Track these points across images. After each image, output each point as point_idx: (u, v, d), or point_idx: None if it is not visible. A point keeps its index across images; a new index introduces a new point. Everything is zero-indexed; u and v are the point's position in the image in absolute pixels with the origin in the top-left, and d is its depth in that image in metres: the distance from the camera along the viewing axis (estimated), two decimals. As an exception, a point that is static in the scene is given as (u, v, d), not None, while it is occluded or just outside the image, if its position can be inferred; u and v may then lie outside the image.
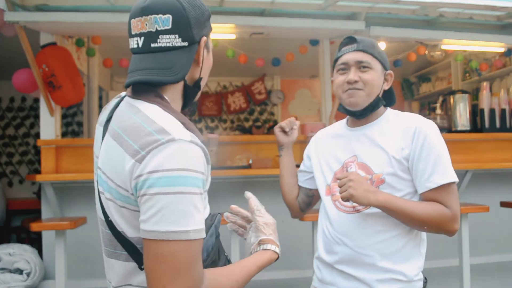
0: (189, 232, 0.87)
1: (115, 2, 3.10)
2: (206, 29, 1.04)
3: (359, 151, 1.49)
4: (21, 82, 3.48)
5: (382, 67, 1.50)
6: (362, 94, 1.46)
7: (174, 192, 0.86)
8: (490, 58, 5.65)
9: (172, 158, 0.87)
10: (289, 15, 3.37)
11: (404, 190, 1.43)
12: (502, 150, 3.81)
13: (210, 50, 1.09)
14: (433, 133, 1.43)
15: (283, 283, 3.35)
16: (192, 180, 0.88)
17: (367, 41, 1.50)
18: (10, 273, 3.08)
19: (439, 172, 1.39)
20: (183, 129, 0.93)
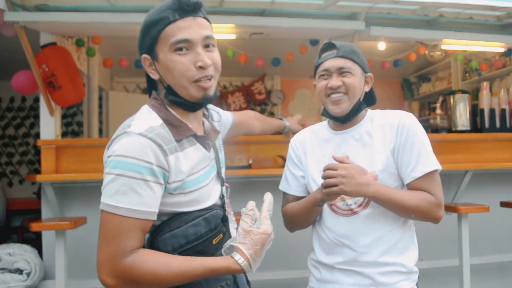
0: (119, 208, 1.01)
1: (115, 2, 3.10)
2: (145, 44, 1.14)
3: (349, 153, 1.52)
4: (20, 84, 3.48)
5: (362, 70, 1.55)
6: (345, 99, 1.51)
7: (114, 173, 1.02)
8: (490, 58, 5.65)
9: (120, 146, 1.04)
10: (289, 15, 3.36)
11: (394, 185, 1.49)
12: (502, 150, 3.80)
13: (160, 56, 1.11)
14: (414, 125, 1.50)
15: (283, 283, 3.35)
16: (132, 166, 1.02)
17: (347, 47, 1.54)
18: (10, 273, 3.08)
19: (423, 161, 1.46)
20: (144, 125, 1.07)
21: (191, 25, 1.10)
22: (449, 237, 3.34)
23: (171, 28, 1.09)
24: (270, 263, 3.46)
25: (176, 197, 1.10)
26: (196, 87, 1.12)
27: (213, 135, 1.26)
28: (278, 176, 1.77)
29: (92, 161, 3.24)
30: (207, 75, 1.12)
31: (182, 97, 1.13)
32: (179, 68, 1.09)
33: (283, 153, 3.49)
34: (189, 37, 1.09)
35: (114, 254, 1.00)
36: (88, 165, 3.23)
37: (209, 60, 1.11)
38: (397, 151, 1.48)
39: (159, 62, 1.12)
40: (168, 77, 1.12)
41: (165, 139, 1.07)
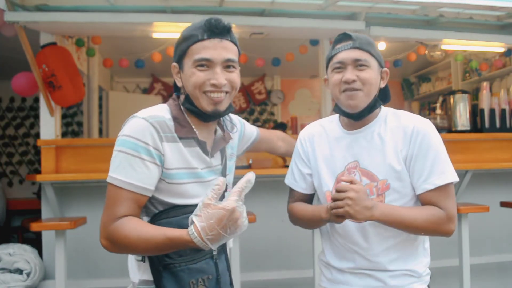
0: (116, 179, 1.17)
1: (115, 2, 3.10)
2: (176, 54, 1.28)
3: (360, 156, 1.44)
4: (20, 85, 3.48)
5: (378, 64, 1.45)
6: (361, 94, 1.40)
7: (118, 150, 1.19)
8: (490, 58, 5.65)
9: (126, 128, 1.21)
10: (289, 15, 3.36)
11: (410, 194, 1.41)
12: (502, 150, 3.80)
13: (184, 68, 1.25)
14: (430, 132, 1.40)
15: (283, 283, 3.35)
16: (131, 145, 1.17)
17: (363, 38, 1.43)
18: (10, 273, 3.08)
19: (437, 172, 1.37)
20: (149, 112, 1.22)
21: (216, 47, 1.22)
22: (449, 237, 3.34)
23: (197, 46, 1.22)
24: (270, 263, 3.47)
25: (168, 185, 1.22)
26: (208, 99, 1.23)
27: (221, 143, 1.34)
28: (278, 176, 1.77)
29: (92, 161, 3.24)
30: (218, 90, 1.23)
31: (196, 106, 1.26)
32: (195, 80, 1.22)
33: (283, 153, 3.49)
34: (210, 57, 1.21)
35: (107, 219, 1.16)
36: (88, 165, 3.23)
37: (224, 80, 1.23)
38: (410, 160, 1.39)
39: (183, 73, 1.26)
40: (187, 87, 1.25)
41: (164, 128, 1.21)
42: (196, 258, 1.22)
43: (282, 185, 1.67)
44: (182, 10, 3.27)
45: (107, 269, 3.23)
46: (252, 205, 3.11)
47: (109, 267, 3.22)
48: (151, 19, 3.26)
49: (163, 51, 4.71)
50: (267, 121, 7.36)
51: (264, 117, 7.40)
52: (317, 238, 2.92)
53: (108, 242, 1.17)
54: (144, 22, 3.28)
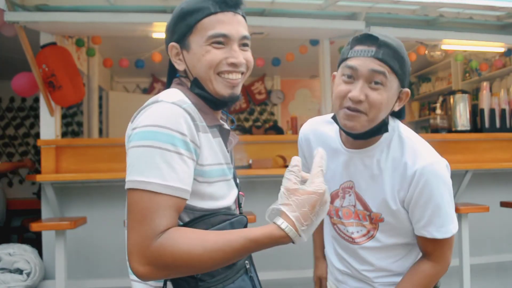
0: (151, 183, 0.89)
1: (115, 2, 3.10)
2: (177, 32, 1.06)
3: (356, 179, 1.31)
4: (20, 86, 3.48)
5: (399, 84, 1.20)
6: (364, 119, 1.18)
7: (144, 145, 0.91)
8: (490, 58, 5.65)
9: (149, 116, 0.94)
10: (289, 15, 3.36)
11: (406, 230, 1.31)
12: (502, 150, 3.80)
13: (192, 47, 1.05)
14: (435, 180, 1.20)
15: (283, 283, 3.35)
16: (164, 136, 0.91)
17: (391, 47, 1.17)
18: (10, 273, 3.08)
19: (436, 224, 1.23)
20: (176, 96, 0.99)
21: (231, 21, 1.04)
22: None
23: (210, 20, 1.02)
24: (270, 263, 3.46)
25: (200, 185, 0.99)
26: (223, 82, 1.05)
27: (234, 138, 1.17)
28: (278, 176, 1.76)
29: (92, 161, 3.24)
30: (236, 70, 1.06)
31: (208, 91, 1.05)
32: (211, 59, 1.02)
33: (283, 153, 3.49)
34: (228, 32, 1.03)
35: (144, 238, 0.87)
36: (88, 165, 3.23)
37: (243, 59, 1.05)
38: (408, 203, 1.24)
39: (190, 52, 1.05)
40: (196, 68, 1.05)
41: (196, 115, 0.99)
42: (231, 276, 1.02)
43: (282, 185, 1.68)
44: (182, 10, 3.27)
45: (107, 269, 3.23)
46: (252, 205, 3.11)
47: (109, 267, 3.22)
48: (151, 19, 3.26)
49: (163, 51, 4.70)
50: (267, 121, 7.36)
51: (264, 117, 7.40)
52: (317, 238, 2.92)
53: (151, 268, 0.87)
54: (144, 22, 3.28)
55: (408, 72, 1.23)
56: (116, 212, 3.02)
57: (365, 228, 1.32)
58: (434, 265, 1.29)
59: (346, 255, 1.41)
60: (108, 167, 3.14)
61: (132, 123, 0.98)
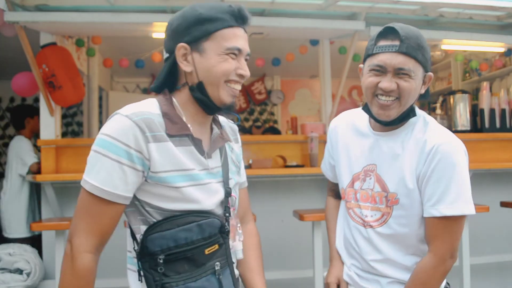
0: (88, 183, 1.06)
1: (115, 2, 3.10)
2: (191, 34, 1.12)
3: (379, 161, 1.37)
4: (20, 86, 3.49)
5: (423, 70, 1.31)
6: (396, 105, 1.28)
7: (94, 150, 1.08)
8: (490, 58, 5.65)
9: (106, 126, 1.08)
10: (289, 15, 3.36)
11: (417, 215, 1.33)
12: (502, 150, 3.80)
13: (207, 52, 1.12)
14: (450, 155, 1.25)
15: (283, 283, 3.35)
16: (109, 145, 1.05)
17: (412, 39, 1.26)
18: (10, 273, 3.08)
19: (447, 201, 1.25)
20: (134, 109, 1.10)
21: (243, 37, 1.17)
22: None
23: (229, 32, 1.13)
24: (270, 263, 3.46)
25: (163, 189, 1.09)
26: (228, 91, 1.15)
27: (218, 142, 1.23)
28: (278, 176, 1.77)
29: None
30: (240, 81, 1.18)
31: (210, 96, 1.15)
32: (227, 68, 1.13)
33: (283, 153, 3.49)
34: (241, 47, 1.15)
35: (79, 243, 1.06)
36: (88, 165, 3.22)
37: (248, 72, 1.18)
38: (422, 180, 1.28)
39: (204, 57, 1.13)
40: (206, 73, 1.13)
41: (152, 126, 1.08)
42: (196, 275, 1.10)
43: (282, 185, 1.68)
44: (182, 10, 3.27)
45: (107, 269, 3.22)
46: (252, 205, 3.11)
47: (109, 267, 3.22)
48: (151, 19, 3.26)
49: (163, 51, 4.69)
50: (267, 121, 7.36)
51: (264, 117, 7.40)
52: (317, 238, 2.92)
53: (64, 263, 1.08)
54: (144, 22, 3.28)
55: (429, 58, 1.32)
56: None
57: (380, 212, 1.35)
58: (432, 257, 1.29)
59: (356, 244, 1.42)
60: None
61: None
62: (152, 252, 1.07)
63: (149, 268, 1.07)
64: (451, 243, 1.29)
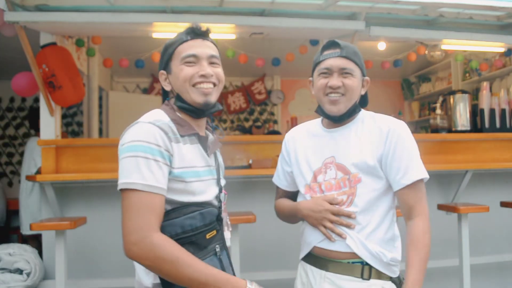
0: (136, 184, 1.19)
1: (115, 2, 3.10)
2: (162, 62, 1.38)
3: (336, 152, 1.56)
4: (20, 86, 3.48)
5: (361, 73, 1.57)
6: (344, 100, 1.52)
7: (129, 155, 1.21)
8: (490, 58, 5.65)
9: (132, 133, 1.24)
10: (289, 15, 3.36)
11: (381, 189, 1.52)
12: (502, 150, 3.80)
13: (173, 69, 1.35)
14: (404, 133, 1.52)
15: (283, 283, 3.35)
16: (144, 148, 1.20)
17: (350, 48, 1.54)
18: (10, 273, 3.08)
19: (414, 168, 1.49)
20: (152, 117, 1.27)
21: (200, 45, 1.34)
22: (449, 237, 3.34)
23: (183, 46, 1.34)
24: (270, 263, 3.46)
25: (179, 184, 1.26)
26: (197, 92, 1.32)
27: (215, 144, 1.42)
28: (278, 176, 1.78)
29: (92, 161, 3.24)
30: (207, 80, 1.33)
31: (187, 102, 1.34)
32: (185, 74, 1.31)
33: (283, 153, 3.49)
34: (196, 53, 1.33)
35: (140, 227, 1.17)
36: (88, 165, 3.23)
37: (211, 71, 1.33)
38: (386, 158, 1.50)
39: (172, 74, 1.35)
40: (176, 85, 1.35)
41: (168, 129, 1.26)
42: (201, 256, 1.24)
43: (282, 185, 1.69)
44: (182, 10, 3.27)
45: (107, 269, 3.23)
46: (252, 205, 3.11)
47: (109, 267, 3.22)
48: (151, 19, 3.26)
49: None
50: (267, 121, 7.36)
51: (264, 117, 7.40)
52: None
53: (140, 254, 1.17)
54: (144, 22, 3.28)
55: (364, 65, 1.59)
56: (116, 212, 3.01)
57: (345, 195, 1.52)
58: (422, 218, 1.49)
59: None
60: (108, 167, 3.14)
61: (121, 140, 1.25)
62: None
63: None
64: (426, 204, 1.52)
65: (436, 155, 3.59)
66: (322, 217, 1.51)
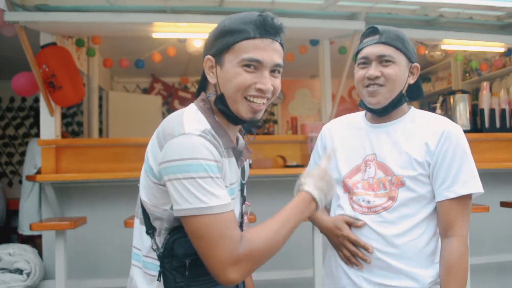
0: (212, 207, 1.01)
1: (115, 2, 3.10)
2: (215, 47, 1.12)
3: (379, 150, 1.41)
4: (20, 86, 3.49)
5: (407, 60, 1.39)
6: (384, 91, 1.37)
7: (189, 177, 1.01)
8: (490, 58, 5.65)
9: (184, 149, 1.02)
10: (289, 15, 3.36)
11: (426, 198, 1.36)
12: (502, 150, 3.80)
13: (226, 65, 1.10)
14: (460, 139, 1.36)
15: (283, 283, 3.35)
16: (205, 167, 1.01)
17: (391, 32, 1.38)
18: (10, 273, 3.08)
19: (461, 180, 1.32)
20: (199, 127, 1.06)
21: (267, 48, 1.10)
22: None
23: (247, 44, 1.09)
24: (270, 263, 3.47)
25: None
26: (247, 106, 1.11)
27: (246, 154, 1.24)
28: (278, 176, 1.76)
29: (92, 161, 3.24)
30: (262, 96, 1.12)
31: (231, 109, 1.12)
32: (241, 82, 1.09)
33: (283, 153, 3.49)
34: (261, 59, 1.09)
35: (231, 248, 1.01)
36: (88, 165, 3.23)
37: (270, 86, 1.11)
38: (434, 164, 1.34)
39: (223, 69, 1.11)
40: (225, 86, 1.11)
41: (217, 143, 1.08)
42: (213, 280, 1.09)
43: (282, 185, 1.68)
44: (182, 10, 3.27)
45: (107, 269, 3.23)
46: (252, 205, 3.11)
47: (109, 267, 3.22)
48: (151, 19, 3.26)
49: (163, 51, 4.70)
50: (267, 121, 7.36)
51: (264, 117, 7.40)
52: (317, 238, 2.92)
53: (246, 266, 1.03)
54: (144, 22, 3.28)
55: (413, 49, 1.42)
56: (116, 212, 3.02)
57: (384, 198, 1.36)
58: (460, 239, 1.31)
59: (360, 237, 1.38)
60: (108, 167, 3.14)
61: (166, 154, 1.04)
62: (178, 254, 1.07)
63: (170, 269, 1.08)
64: (468, 224, 1.34)
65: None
66: (340, 242, 1.38)
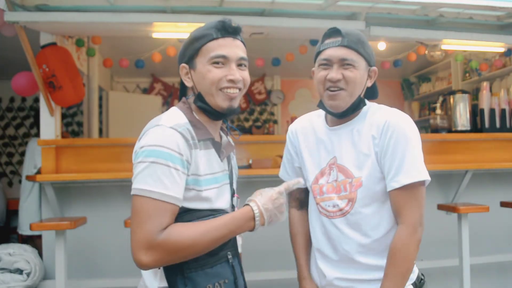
0: (154, 192, 1.12)
1: (115, 2, 3.10)
2: (186, 55, 1.29)
3: (338, 153, 1.44)
4: (20, 86, 3.48)
5: (366, 63, 1.42)
6: (344, 94, 1.39)
7: (148, 161, 1.14)
8: (490, 58, 5.65)
9: (154, 137, 1.17)
10: (289, 15, 3.36)
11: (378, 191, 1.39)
12: (502, 150, 3.80)
13: (198, 66, 1.26)
14: (403, 127, 1.36)
15: (283, 283, 3.35)
16: (165, 155, 1.14)
17: (353, 35, 1.40)
18: (10, 273, 3.08)
19: (404, 170, 1.32)
20: (173, 120, 1.21)
21: (230, 45, 1.27)
22: (449, 237, 3.34)
23: (212, 44, 1.25)
24: (270, 263, 3.46)
25: (191, 192, 1.20)
26: (223, 96, 1.25)
27: (228, 148, 1.36)
28: (278, 176, 1.76)
29: (92, 161, 3.24)
30: (234, 86, 1.26)
31: (209, 104, 1.27)
32: (212, 77, 1.24)
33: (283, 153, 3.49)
34: (226, 54, 1.25)
35: (150, 232, 1.11)
36: (88, 165, 3.23)
37: (239, 76, 1.26)
38: (380, 155, 1.37)
39: (196, 71, 1.27)
40: (200, 85, 1.27)
41: (189, 135, 1.20)
42: (212, 262, 1.21)
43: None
44: (182, 10, 3.27)
45: (107, 269, 3.23)
46: (252, 205, 3.11)
47: (109, 267, 3.22)
48: (151, 19, 3.26)
49: (163, 51, 4.70)
50: (267, 121, 7.36)
51: (264, 117, 7.40)
52: (317, 238, 2.91)
53: (157, 254, 1.11)
54: (144, 22, 3.28)
55: (372, 54, 1.44)
56: (116, 212, 3.02)
57: (346, 200, 1.41)
58: (407, 227, 1.33)
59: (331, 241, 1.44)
60: (108, 167, 3.14)
61: (139, 142, 1.19)
62: None
63: None
64: (418, 211, 1.34)
65: (436, 155, 3.59)
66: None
